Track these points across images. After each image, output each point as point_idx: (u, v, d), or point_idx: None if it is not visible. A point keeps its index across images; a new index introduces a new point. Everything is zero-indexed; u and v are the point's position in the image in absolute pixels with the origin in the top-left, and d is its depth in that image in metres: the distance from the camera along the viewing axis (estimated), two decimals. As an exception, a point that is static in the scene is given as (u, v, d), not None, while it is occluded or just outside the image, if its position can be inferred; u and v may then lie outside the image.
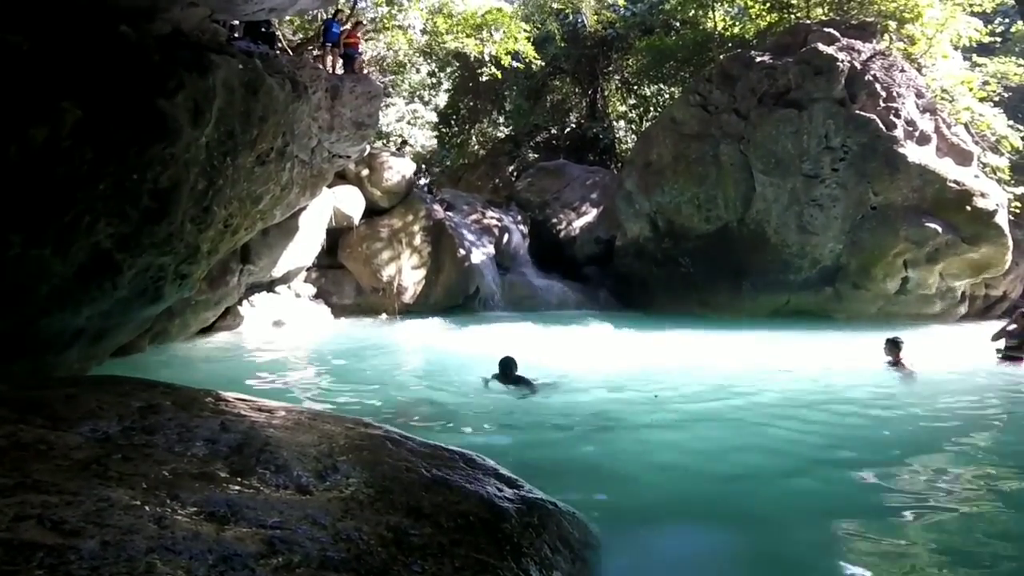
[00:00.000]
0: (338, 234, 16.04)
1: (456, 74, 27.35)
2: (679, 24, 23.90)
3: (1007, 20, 20.52)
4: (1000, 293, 16.03)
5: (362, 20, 16.65)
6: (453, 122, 28.48)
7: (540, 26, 24.40)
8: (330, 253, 16.03)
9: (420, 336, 12.80)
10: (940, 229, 13.62)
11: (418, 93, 27.96)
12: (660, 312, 16.13)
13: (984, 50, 17.86)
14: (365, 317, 15.53)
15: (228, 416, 2.84)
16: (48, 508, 1.70)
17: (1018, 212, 15.30)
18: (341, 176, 15.69)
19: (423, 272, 16.43)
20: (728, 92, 15.91)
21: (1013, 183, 15.60)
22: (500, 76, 21.21)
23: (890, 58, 15.40)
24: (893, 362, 8.18)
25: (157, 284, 7.73)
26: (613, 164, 25.01)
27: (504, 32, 19.02)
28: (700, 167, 15.92)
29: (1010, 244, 13.99)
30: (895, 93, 14.49)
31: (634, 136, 24.99)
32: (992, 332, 9.39)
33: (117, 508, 1.79)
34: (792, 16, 18.54)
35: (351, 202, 15.96)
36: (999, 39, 19.34)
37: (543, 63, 23.15)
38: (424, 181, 21.02)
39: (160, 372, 8.26)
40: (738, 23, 21.32)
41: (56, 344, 6.91)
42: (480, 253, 17.27)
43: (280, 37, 13.87)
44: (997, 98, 16.72)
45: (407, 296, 16.07)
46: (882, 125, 14.02)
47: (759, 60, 15.64)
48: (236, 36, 10.00)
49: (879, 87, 14.44)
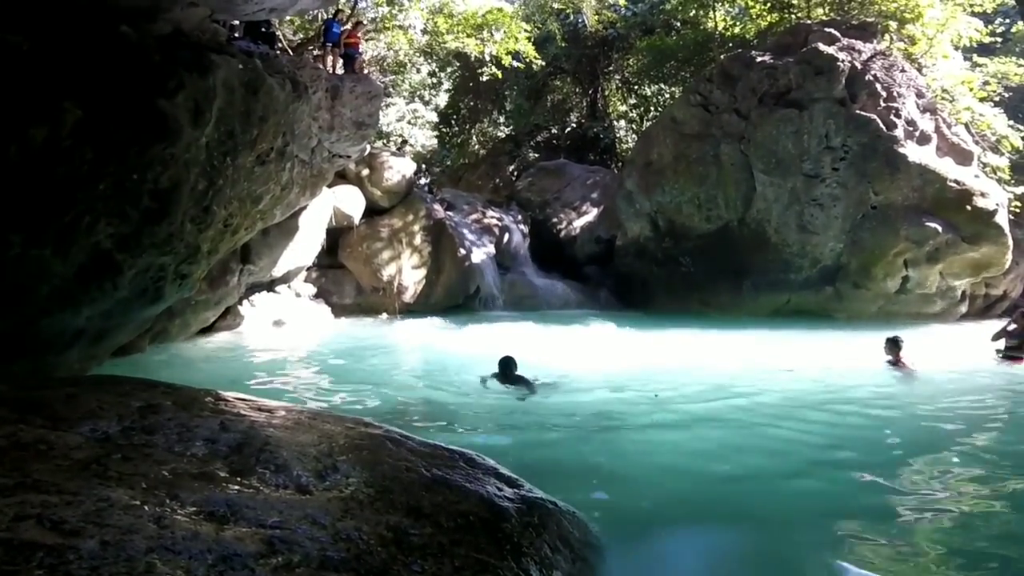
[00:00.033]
0: (338, 234, 16.04)
1: (456, 74, 27.34)
2: (680, 24, 23.89)
3: (1007, 20, 20.52)
4: (1000, 292, 16.02)
5: (362, 20, 16.66)
6: (453, 122, 28.47)
7: (541, 26, 24.40)
8: (330, 253, 16.02)
9: (420, 336, 12.80)
10: (940, 229, 13.61)
11: (418, 93, 27.93)
12: (661, 312, 16.12)
13: (984, 50, 17.86)
14: (365, 317, 15.53)
15: (228, 416, 2.84)
16: (48, 508, 1.70)
17: (1018, 211, 15.31)
18: (341, 176, 15.68)
19: (423, 272, 16.42)
20: (729, 92, 15.91)
21: (1013, 183, 15.61)
22: (501, 76, 21.18)
23: (890, 58, 15.40)
24: (893, 361, 8.20)
25: (157, 284, 7.73)
26: (614, 164, 25.00)
27: (505, 32, 19.00)
28: (701, 167, 15.92)
29: (1010, 243, 13.99)
30: (895, 93, 14.48)
31: (635, 136, 24.98)
32: (992, 332, 9.40)
33: (117, 508, 1.79)
34: (793, 16, 18.54)
35: (351, 202, 15.95)
36: (999, 39, 19.34)
37: (544, 63, 23.11)
38: (424, 181, 21.02)
39: (160, 372, 8.26)
40: (739, 23, 21.31)
41: (56, 344, 6.91)
42: (480, 253, 17.26)
43: (280, 37, 13.88)
44: (997, 98, 16.74)
45: (407, 296, 16.07)
46: (882, 125, 14.01)
47: (760, 60, 15.63)
48: (236, 36, 10.00)
49: (880, 87, 14.43)
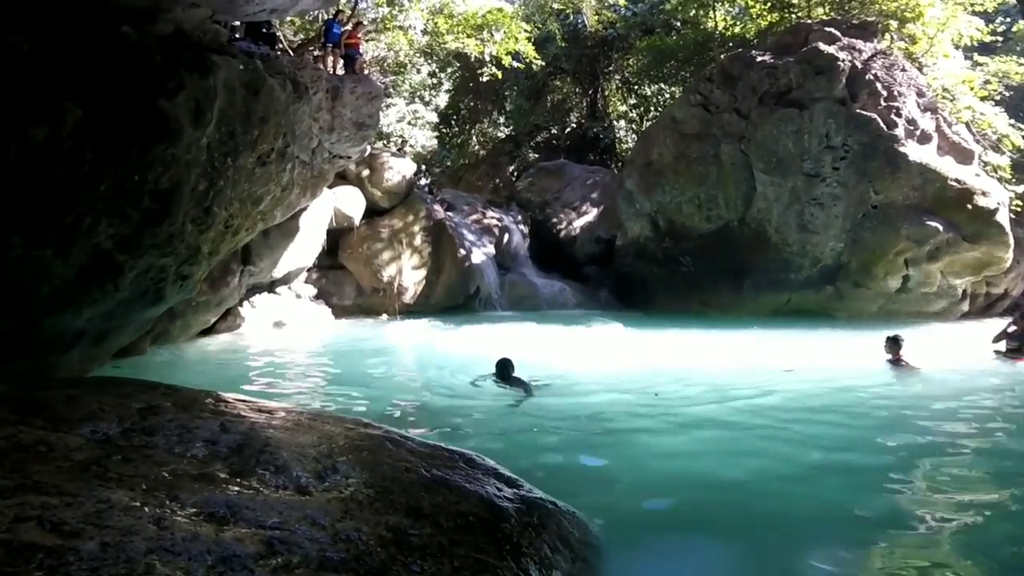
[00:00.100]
0: (339, 235, 16.04)
1: (457, 74, 27.33)
2: (680, 24, 23.87)
3: (1008, 19, 20.49)
4: (1001, 291, 16.00)
5: (363, 21, 16.65)
6: (453, 122, 28.45)
7: (541, 26, 24.38)
8: (331, 254, 16.02)
9: (420, 336, 12.80)
10: (941, 227, 13.60)
11: (419, 93, 27.92)
12: (661, 312, 16.10)
13: (985, 49, 17.85)
14: (366, 318, 15.53)
15: (228, 417, 2.85)
16: (48, 509, 1.70)
17: (1019, 210, 15.29)
18: (342, 177, 15.69)
19: (424, 272, 16.42)
20: (729, 92, 15.89)
21: (1014, 181, 15.59)
22: (500, 76, 21.16)
23: (891, 57, 15.38)
24: (894, 360, 8.22)
25: (158, 285, 7.74)
26: (614, 164, 24.98)
27: (505, 32, 18.98)
28: (701, 166, 15.90)
29: (1011, 242, 13.97)
30: (896, 92, 14.47)
31: (635, 136, 24.96)
32: (993, 331, 9.39)
33: (117, 509, 1.79)
34: (793, 16, 18.53)
35: (352, 203, 15.96)
36: (1000, 38, 19.33)
37: (544, 63, 23.09)
38: (425, 181, 21.06)
39: (162, 373, 8.27)
40: (739, 23, 21.29)
41: (58, 345, 6.92)
42: (481, 253, 17.26)
43: (281, 38, 13.88)
44: (998, 97, 16.72)
45: (408, 296, 16.07)
46: (883, 124, 14.00)
47: (760, 60, 15.61)
48: (237, 37, 10.00)
49: (880, 86, 14.42)
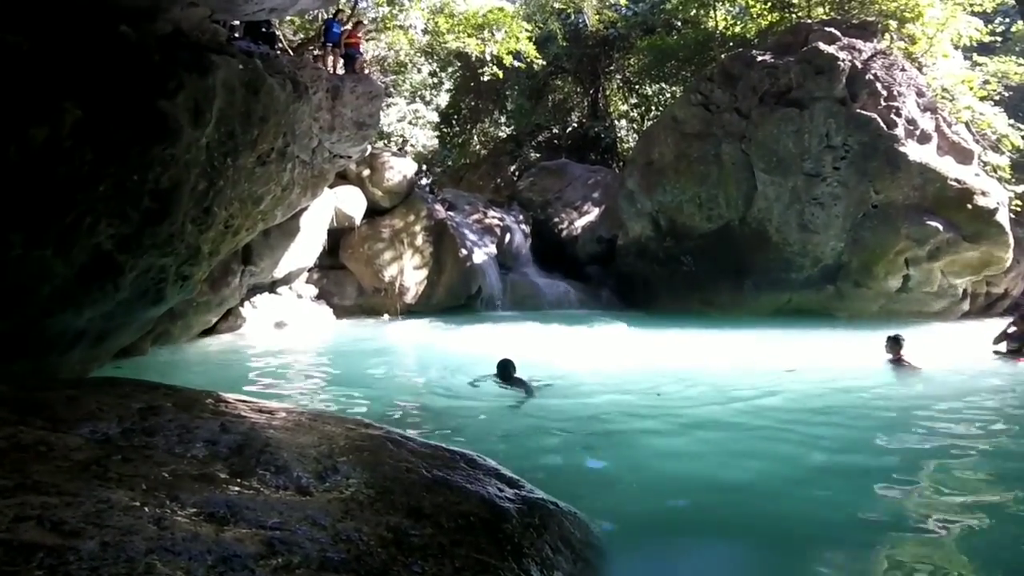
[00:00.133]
0: (339, 234, 16.03)
1: (457, 74, 27.31)
2: (680, 23, 23.87)
3: (1007, 20, 20.49)
4: (1001, 291, 15.99)
5: (363, 20, 16.65)
6: (454, 122, 28.44)
7: (542, 26, 24.37)
8: (331, 254, 16.02)
9: (422, 337, 12.80)
10: (941, 227, 13.59)
11: (419, 93, 27.91)
12: (662, 311, 16.10)
13: (985, 49, 17.83)
14: (367, 318, 15.53)
15: (228, 417, 2.84)
16: (48, 509, 1.70)
17: (1019, 210, 15.28)
18: (342, 176, 15.68)
19: (425, 272, 16.41)
20: (729, 91, 15.89)
21: (1014, 181, 15.59)
22: (501, 76, 21.15)
23: (891, 57, 15.37)
24: (894, 359, 8.22)
25: (159, 285, 7.73)
26: (615, 163, 24.98)
27: (506, 32, 18.98)
28: (702, 166, 15.90)
29: (1011, 242, 13.96)
30: (896, 92, 14.46)
31: (636, 135, 24.96)
32: (993, 332, 9.38)
33: (117, 509, 1.79)
34: (793, 15, 18.53)
35: (352, 202, 15.95)
36: (999, 39, 19.32)
37: (545, 63, 23.08)
38: (426, 181, 21.05)
39: (162, 373, 8.27)
40: (739, 22, 21.29)
41: (58, 345, 6.92)
42: (482, 253, 17.25)
43: (280, 37, 13.88)
44: (998, 97, 16.71)
45: (409, 296, 16.06)
46: (883, 124, 13.99)
47: (760, 59, 15.61)
48: (236, 36, 10.00)
49: (880, 86, 14.41)
